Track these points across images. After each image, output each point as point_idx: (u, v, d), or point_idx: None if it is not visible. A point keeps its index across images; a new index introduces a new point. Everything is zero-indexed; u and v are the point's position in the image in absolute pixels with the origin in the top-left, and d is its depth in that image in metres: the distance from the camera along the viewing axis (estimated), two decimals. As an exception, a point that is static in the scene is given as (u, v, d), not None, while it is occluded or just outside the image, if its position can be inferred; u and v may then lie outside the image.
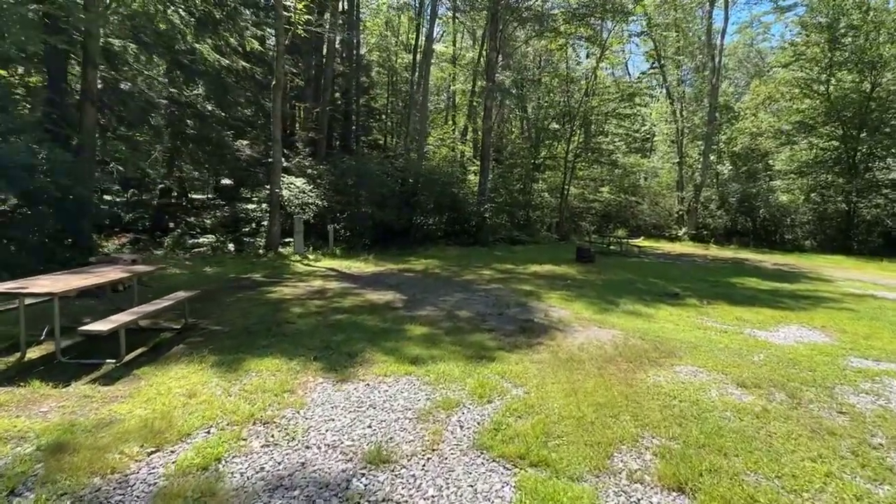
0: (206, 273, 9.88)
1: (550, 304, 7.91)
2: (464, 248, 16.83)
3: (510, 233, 19.89)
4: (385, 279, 9.92)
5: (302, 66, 19.93)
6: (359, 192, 15.21)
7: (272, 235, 12.97)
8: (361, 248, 14.59)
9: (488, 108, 18.94)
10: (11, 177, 6.68)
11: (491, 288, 9.28)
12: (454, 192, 17.41)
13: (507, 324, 6.50)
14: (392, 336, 5.65)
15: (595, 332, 6.25)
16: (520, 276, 11.09)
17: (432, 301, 7.80)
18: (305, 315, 6.57)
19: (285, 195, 13.40)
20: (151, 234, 15.28)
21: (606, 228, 27.92)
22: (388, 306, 7.32)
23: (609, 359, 5.09)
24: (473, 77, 26.17)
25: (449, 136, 25.45)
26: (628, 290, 9.67)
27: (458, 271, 11.40)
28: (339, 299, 7.70)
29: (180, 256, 11.74)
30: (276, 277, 9.72)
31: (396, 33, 32.56)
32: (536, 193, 24.90)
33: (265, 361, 4.59)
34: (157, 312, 5.09)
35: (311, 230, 14.89)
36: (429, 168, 17.72)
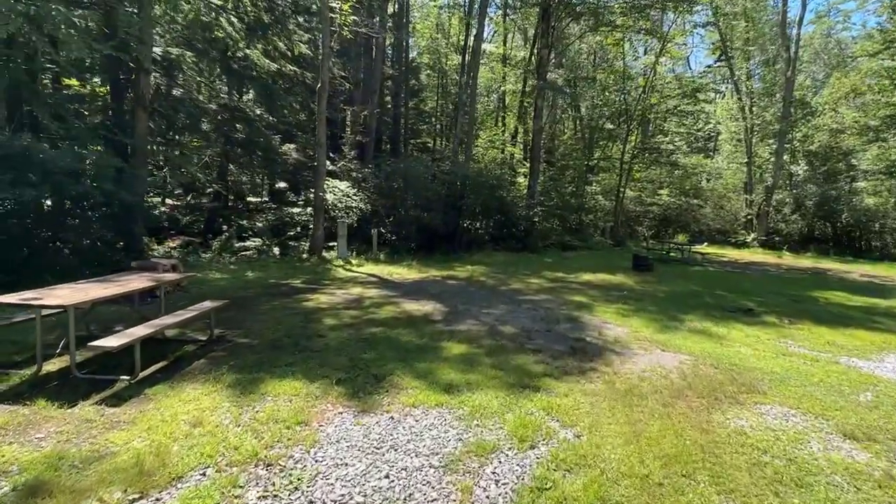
0: (248, 278, 9.77)
1: (605, 320, 7.14)
2: (511, 253, 16.13)
3: (561, 238, 18.98)
4: (427, 287, 9.44)
5: (350, 70, 19.92)
6: (404, 195, 14.86)
7: (316, 239, 12.82)
8: (405, 252, 14.22)
9: (539, 107, 18.14)
10: (56, 182, 6.73)
11: (539, 299, 8.58)
12: (502, 196, 16.74)
13: (556, 343, 5.83)
14: (426, 355, 5.13)
15: (658, 356, 5.46)
16: (571, 285, 10.31)
17: (474, 314, 7.22)
18: (338, 327, 6.17)
19: (329, 199, 13.24)
20: (204, 237, 15.62)
21: (665, 233, 26.31)
22: (426, 319, 6.81)
23: (677, 392, 4.33)
24: (524, 76, 25.36)
25: (498, 138, 24.76)
26: (694, 304, 8.69)
27: (504, 279, 10.75)
28: (376, 310, 7.28)
29: (225, 260, 11.78)
30: (316, 284, 9.46)
31: (447, 35, 32.27)
32: (590, 196, 23.75)
33: (284, 383, 4.18)
34: (177, 324, 4.81)
35: (355, 234, 14.70)
36: (476, 170, 17.16)
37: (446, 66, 30.60)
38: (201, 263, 11.11)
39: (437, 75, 31.82)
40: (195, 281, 9.07)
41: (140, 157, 10.60)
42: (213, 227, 16.25)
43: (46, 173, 6.62)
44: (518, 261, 14.46)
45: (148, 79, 10.67)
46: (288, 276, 10.24)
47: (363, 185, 14.24)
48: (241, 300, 7.62)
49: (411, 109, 29.38)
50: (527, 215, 16.71)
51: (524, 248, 16.80)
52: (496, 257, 15.03)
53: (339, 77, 21.02)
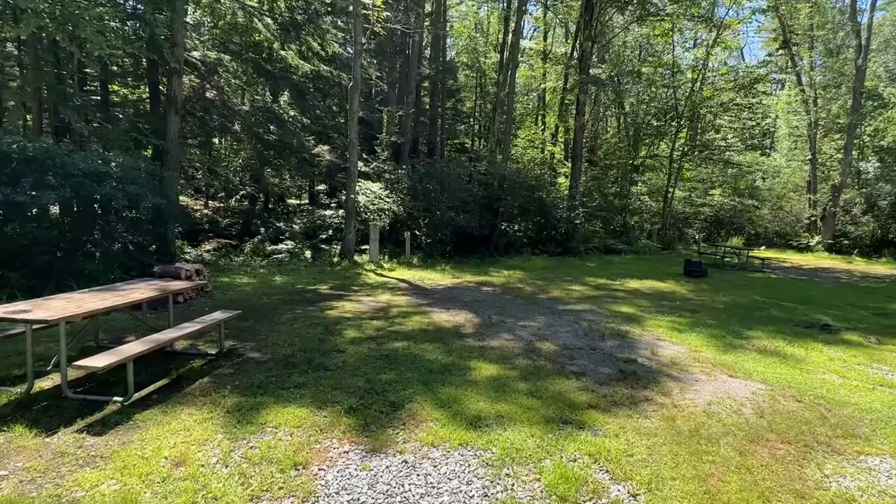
0: (275, 283, 9.46)
1: (657, 336, 6.33)
2: (551, 257, 15.31)
3: (604, 241, 17.97)
4: (459, 294, 8.85)
5: (386, 69, 19.61)
6: (438, 196, 14.33)
7: (347, 243, 12.47)
8: (439, 256, 13.69)
9: (581, 103, 17.23)
10: (76, 184, 6.57)
11: (581, 310, 7.82)
12: (542, 196, 15.93)
13: (602, 364, 5.10)
14: (453, 377, 4.53)
15: (725, 383, 4.65)
16: (616, 294, 9.47)
17: (509, 326, 6.57)
18: (359, 341, 5.66)
19: (361, 201, 12.87)
20: (241, 239, 15.62)
21: (717, 236, 24.69)
22: (456, 332, 6.21)
23: (755, 435, 3.55)
24: (565, 73, 24.39)
25: (538, 137, 23.88)
26: (759, 317, 7.71)
27: (543, 286, 10.02)
28: (403, 320, 6.74)
29: (256, 263, 11.58)
30: (344, 290, 9.03)
31: (486, 33, 31.64)
32: (635, 197, 22.52)
33: (288, 411, 3.68)
34: (181, 338, 4.41)
35: (388, 237, 14.29)
36: (514, 170, 16.44)
37: (485, 65, 29.97)
38: (231, 267, 10.93)
39: (475, 75, 31.24)
40: (221, 286, 8.83)
41: (172, 160, 10.52)
42: (250, 230, 16.26)
43: (67, 175, 6.47)
44: (558, 265, 13.65)
45: (180, 81, 10.58)
46: (316, 281, 9.88)
47: (396, 186, 13.81)
48: (263, 308, 7.26)
49: (449, 110, 28.90)
50: (568, 217, 15.84)
51: (565, 252, 15.94)
52: (535, 262, 14.27)
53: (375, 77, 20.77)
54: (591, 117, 24.94)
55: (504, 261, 14.09)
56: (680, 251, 19.50)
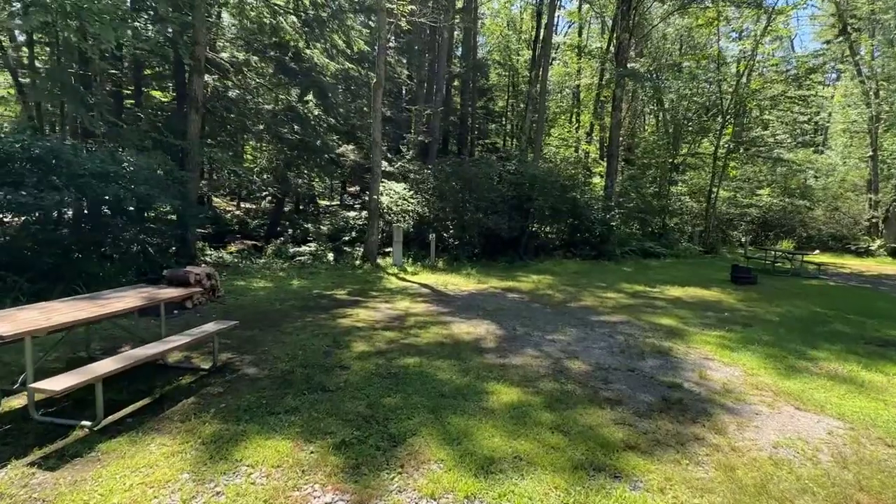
0: (291, 287, 9.09)
1: (705, 355, 5.56)
2: (585, 261, 14.50)
3: (642, 244, 16.97)
4: (483, 302, 8.24)
5: (415, 67, 19.18)
6: (465, 197, 13.76)
7: (369, 245, 12.05)
8: (465, 259, 13.10)
9: (618, 98, 16.31)
10: (81, 185, 6.33)
11: (617, 321, 7.09)
12: (575, 197, 15.13)
13: (642, 389, 4.41)
14: (466, 404, 3.94)
15: (793, 419, 3.89)
16: (656, 303, 8.65)
17: (535, 340, 5.93)
18: (367, 355, 5.14)
19: (384, 202, 12.44)
20: (267, 241, 15.46)
21: (764, 239, 23.15)
22: (475, 346, 5.62)
23: (841, 496, 2.82)
24: (601, 68, 23.41)
25: (571, 136, 22.97)
26: (823, 333, 6.79)
27: (574, 293, 9.30)
28: (419, 331, 6.19)
29: (277, 266, 11.29)
30: (361, 295, 8.57)
31: (518, 31, 30.90)
32: (675, 197, 21.34)
33: (271, 444, 3.19)
34: (164, 353, 3.99)
35: (414, 240, 13.82)
36: (546, 169, 15.70)
37: (517, 62, 29.27)
38: (251, 270, 10.66)
39: (507, 73, 30.58)
40: (236, 290, 8.52)
41: (192, 161, 10.33)
42: (276, 231, 16.09)
43: (72, 176, 6.25)
44: (592, 270, 12.84)
45: (201, 80, 10.38)
46: (334, 285, 9.47)
47: (421, 186, 13.32)
48: (273, 315, 6.86)
49: (480, 109, 28.29)
50: (603, 218, 14.98)
51: (599, 256, 15.08)
52: (567, 266, 13.50)
53: (404, 76, 20.39)
54: (628, 114, 23.85)
55: (533, 264, 13.39)
56: (724, 255, 18.28)
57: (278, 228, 16.51)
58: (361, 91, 18.95)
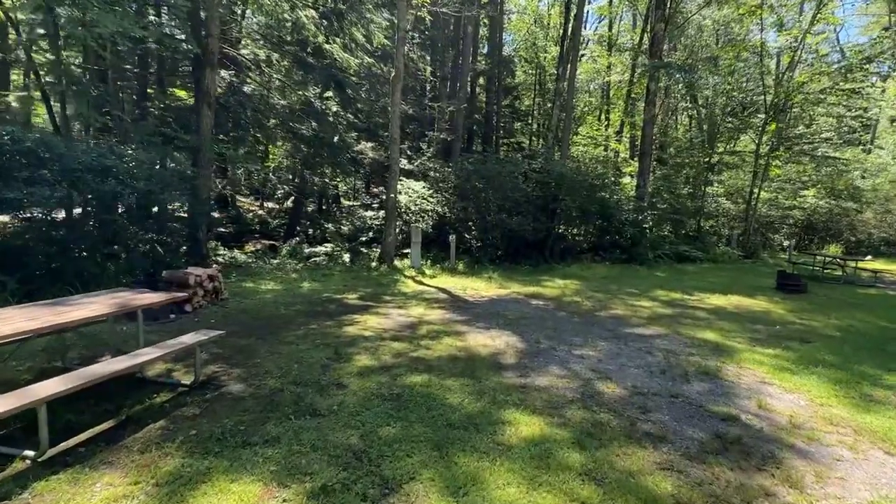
0: (301, 290, 8.61)
1: (761, 378, 4.79)
2: (614, 265, 13.65)
3: (676, 247, 15.97)
4: (504, 309, 7.59)
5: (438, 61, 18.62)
6: (487, 196, 13.12)
7: (386, 246, 11.52)
8: (487, 262, 12.45)
9: (651, 93, 15.38)
10: (74, 180, 5.97)
11: (653, 334, 6.34)
12: (604, 197, 14.29)
13: (690, 421, 3.70)
14: (478, 437, 3.31)
15: (883, 466, 3.14)
16: (696, 313, 7.83)
17: (561, 356, 5.25)
18: (369, 371, 4.56)
19: (402, 201, 11.89)
20: (286, 240, 15.13)
21: (809, 243, 21.74)
22: (493, 362, 4.98)
23: None
24: (632, 63, 22.41)
25: (600, 134, 22.02)
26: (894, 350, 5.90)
27: (604, 301, 8.54)
28: (431, 343, 5.59)
29: (290, 267, 10.86)
30: (374, 300, 8.02)
31: (546, 27, 30.08)
32: (711, 198, 20.19)
33: (236, 489, 2.63)
34: (131, 369, 3.48)
35: (434, 241, 13.24)
36: (573, 168, 14.92)
37: (544, 59, 28.45)
38: (262, 271, 10.25)
39: (534, 71, 29.84)
40: (242, 292, 8.08)
41: (204, 157, 9.98)
42: (294, 231, 15.74)
43: (65, 170, 5.90)
44: (622, 275, 12.02)
45: (214, 74, 10.03)
46: (347, 288, 8.95)
47: (442, 185, 12.73)
48: (275, 321, 6.36)
49: (505, 107, 27.57)
50: (634, 220, 14.09)
51: (630, 259, 14.21)
52: (595, 270, 12.70)
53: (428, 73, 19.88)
54: (660, 111, 22.75)
55: (560, 268, 12.63)
56: (766, 260, 17.10)
57: (298, 228, 16.17)
58: (384, 89, 18.52)
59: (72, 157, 5.99)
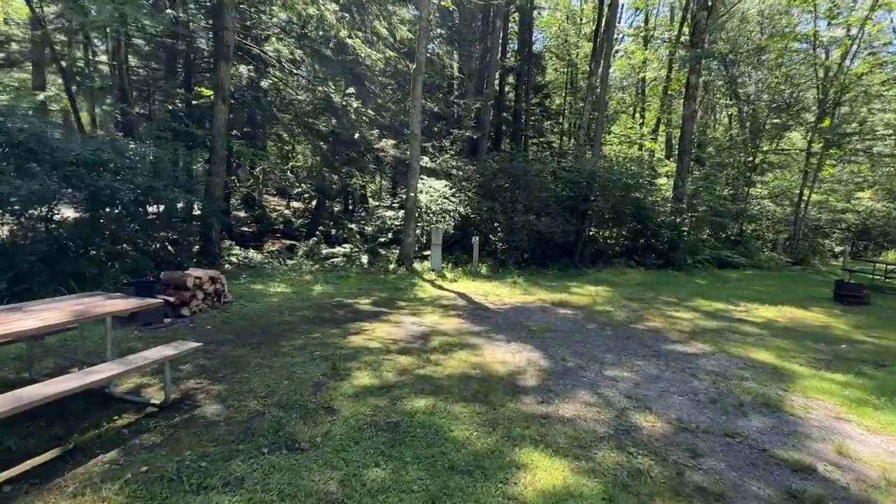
0: (311, 293, 8.13)
1: (834, 412, 3.98)
2: (649, 271, 12.74)
3: (717, 252, 14.88)
4: (527, 318, 6.91)
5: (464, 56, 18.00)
6: (513, 196, 12.43)
7: (406, 248, 10.97)
8: (513, 266, 11.76)
9: (692, 86, 14.35)
10: (68, 175, 5.63)
11: (698, 352, 5.55)
12: (639, 198, 13.39)
13: (751, 472, 2.97)
14: (484, 488, 2.68)
15: None
16: (744, 327, 6.96)
17: (590, 378, 4.55)
18: (367, 392, 3.98)
19: (423, 200, 11.32)
20: (307, 240, 14.80)
21: (864, 249, 20.14)
22: (510, 383, 4.33)
23: None
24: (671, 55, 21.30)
25: (634, 132, 20.97)
26: None
27: (639, 311, 7.75)
28: (442, 358, 4.97)
29: (306, 268, 10.44)
30: (387, 306, 7.47)
31: (578, 24, 29.14)
32: (755, 201, 18.91)
33: (168, 557, 2.07)
34: (72, 392, 2.97)
35: (457, 242, 12.64)
36: (605, 167, 14.05)
37: (576, 56, 27.52)
38: (276, 272, 9.85)
39: (565, 69, 28.99)
40: (248, 295, 7.65)
41: (217, 153, 9.65)
42: (316, 231, 15.38)
43: (57, 164, 5.56)
44: (658, 281, 11.13)
45: (228, 67, 9.70)
46: (360, 292, 8.43)
47: (465, 185, 12.10)
48: (275, 328, 5.86)
49: (535, 106, 26.75)
50: (672, 223, 13.13)
51: (667, 265, 13.25)
52: (629, 276, 11.83)
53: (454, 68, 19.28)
54: (700, 107, 21.52)
55: (590, 273, 11.83)
56: (817, 267, 15.79)
57: (321, 228, 15.82)
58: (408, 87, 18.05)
59: (66, 150, 5.66)
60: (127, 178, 6.21)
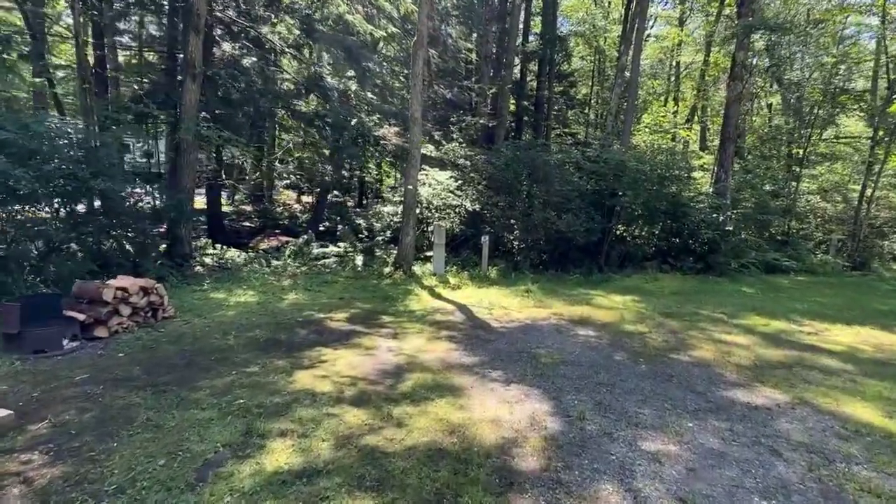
0: (279, 305, 6.82)
1: None
2: (686, 276, 11.08)
3: (763, 255, 13.04)
4: (537, 343, 5.45)
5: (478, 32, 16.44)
6: (530, 189, 10.92)
7: (403, 248, 9.59)
8: (528, 268, 10.27)
9: (738, 63, 12.49)
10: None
11: (769, 404, 4.00)
12: (674, 192, 11.67)
13: None
14: None
15: None
16: (820, 358, 5.34)
17: (621, 455, 3.07)
18: (273, 486, 2.61)
19: (424, 194, 9.90)
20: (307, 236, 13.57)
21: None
22: (498, 469, 2.89)
23: None
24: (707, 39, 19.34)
25: (667, 121, 19.06)
26: None
27: (680, 332, 6.19)
28: (409, 413, 3.56)
29: (290, 270, 9.17)
30: (365, 323, 6.10)
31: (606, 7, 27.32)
32: (804, 198, 16.91)
33: None
34: None
35: (464, 242, 11.19)
36: (636, 157, 12.40)
37: (604, 43, 25.75)
38: (252, 275, 8.59)
39: (592, 56, 27.20)
40: (202, 307, 6.38)
41: (187, 139, 8.41)
42: (317, 227, 14.10)
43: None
44: (699, 290, 9.50)
45: (199, 40, 8.43)
46: (341, 303, 7.09)
47: (474, 175, 10.62)
48: (206, 357, 4.55)
49: (559, 95, 25.00)
50: (713, 221, 11.38)
51: (706, 269, 11.55)
52: (662, 282, 10.22)
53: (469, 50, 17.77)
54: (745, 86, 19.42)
55: (617, 279, 10.26)
56: (880, 273, 13.81)
57: (326, 224, 14.52)
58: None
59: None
60: (34, 164, 4.99)
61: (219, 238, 12.57)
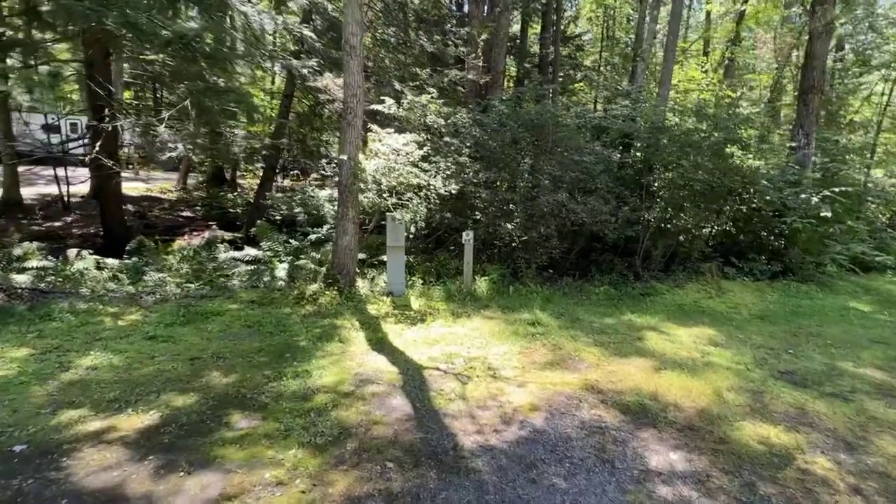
0: (17, 396, 3.44)
1: None
2: (760, 283, 7.69)
3: (848, 248, 9.55)
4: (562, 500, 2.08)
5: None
6: (533, 162, 7.48)
7: (339, 254, 6.17)
8: (533, 277, 6.87)
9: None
10: None
11: None
12: (738, 166, 8.12)
13: None
14: None
15: None
16: None
17: None
18: None
19: (368, 169, 6.43)
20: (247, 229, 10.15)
21: None
22: None
23: None
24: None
25: (703, 78, 15.33)
26: None
27: (855, 438, 2.79)
28: None
29: (162, 289, 5.76)
30: (169, 457, 2.72)
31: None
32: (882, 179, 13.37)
33: None
34: None
35: (438, 239, 7.75)
36: (690, 111, 8.88)
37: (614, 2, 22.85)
38: (68, 307, 5.18)
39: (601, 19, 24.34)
40: None
41: None
42: (256, 217, 10.57)
43: None
44: (792, 310, 6.18)
45: None
46: (186, 372, 3.71)
47: (452, 142, 7.06)
48: None
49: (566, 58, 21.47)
50: (801, 204, 7.85)
51: (784, 271, 8.14)
52: (733, 297, 6.86)
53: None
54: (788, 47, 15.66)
55: (665, 291, 6.87)
56: None
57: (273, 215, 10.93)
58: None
59: None
60: None
61: (115, 233, 9.28)
